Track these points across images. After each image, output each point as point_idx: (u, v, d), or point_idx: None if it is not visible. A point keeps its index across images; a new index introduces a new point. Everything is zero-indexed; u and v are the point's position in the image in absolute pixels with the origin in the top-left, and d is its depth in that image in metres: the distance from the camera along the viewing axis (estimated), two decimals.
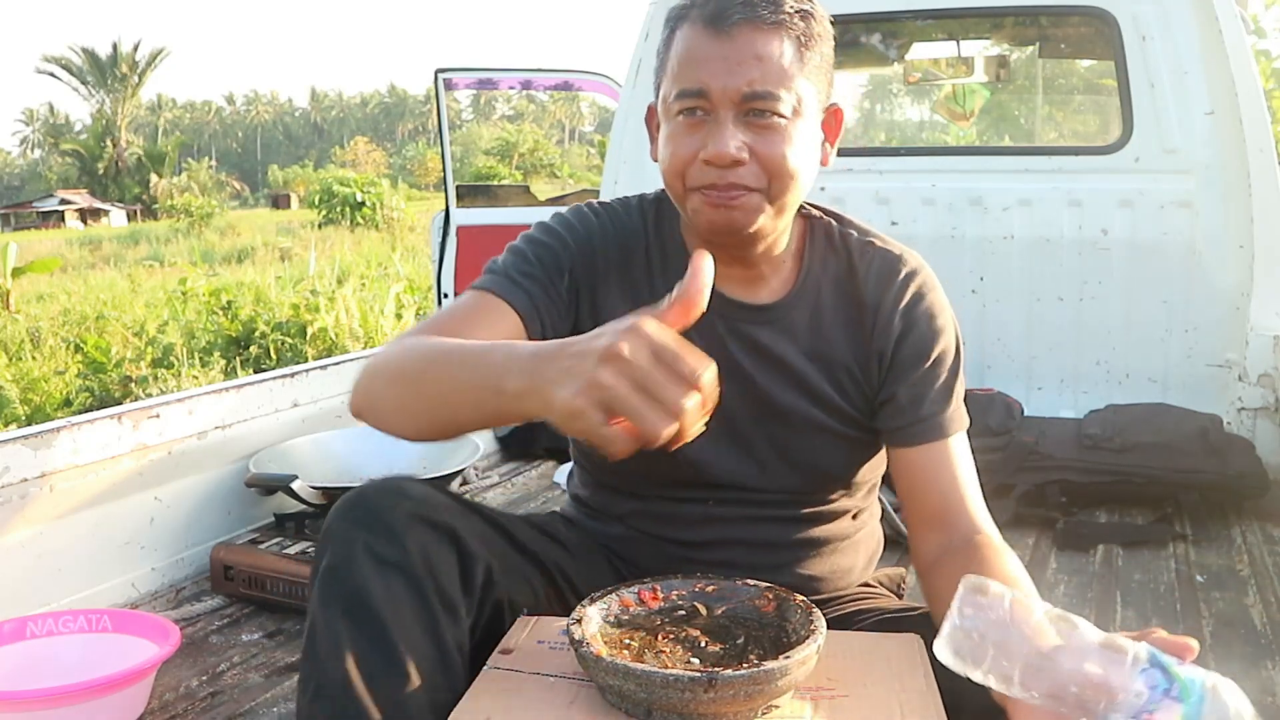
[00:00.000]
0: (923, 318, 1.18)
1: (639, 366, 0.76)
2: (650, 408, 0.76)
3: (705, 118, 1.07)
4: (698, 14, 1.08)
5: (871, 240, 1.22)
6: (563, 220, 1.22)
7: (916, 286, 1.19)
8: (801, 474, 1.20)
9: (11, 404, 7.54)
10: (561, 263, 1.18)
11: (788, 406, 1.18)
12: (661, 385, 0.76)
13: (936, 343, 1.18)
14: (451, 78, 4.24)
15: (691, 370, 0.76)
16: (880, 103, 55.83)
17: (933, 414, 1.16)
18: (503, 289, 1.14)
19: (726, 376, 1.15)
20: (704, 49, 1.06)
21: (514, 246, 1.20)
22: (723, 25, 1.05)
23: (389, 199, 25.95)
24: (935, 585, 1.08)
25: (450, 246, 4.04)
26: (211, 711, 1.71)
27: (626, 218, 1.23)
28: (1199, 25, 2.78)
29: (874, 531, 1.34)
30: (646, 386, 0.76)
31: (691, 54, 1.07)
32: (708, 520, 1.21)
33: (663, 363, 0.76)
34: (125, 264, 20.30)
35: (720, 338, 1.17)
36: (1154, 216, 2.88)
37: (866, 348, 1.18)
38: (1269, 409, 2.70)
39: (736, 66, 1.05)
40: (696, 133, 1.07)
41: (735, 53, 1.05)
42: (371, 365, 1.06)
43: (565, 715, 0.93)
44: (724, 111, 1.06)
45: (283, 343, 9.04)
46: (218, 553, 2.19)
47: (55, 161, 60.76)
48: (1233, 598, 2.07)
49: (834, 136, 1.18)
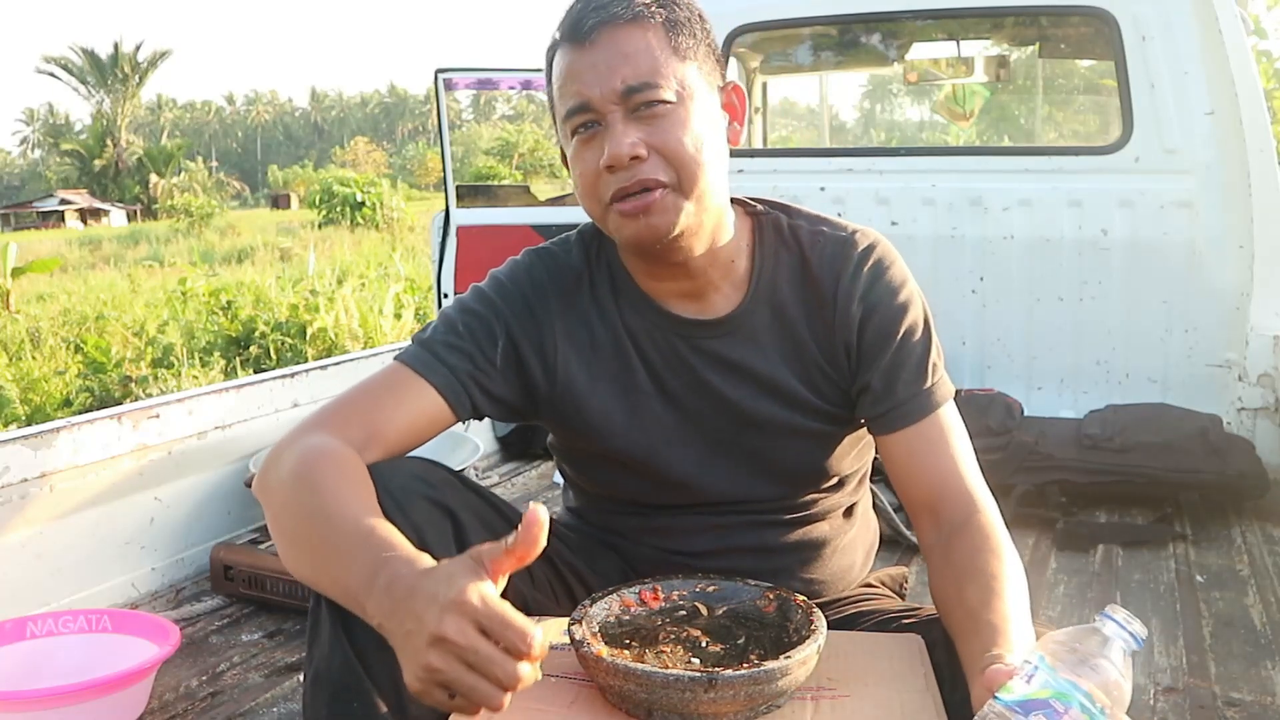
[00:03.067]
0: (883, 298, 1.14)
1: (465, 647, 0.77)
2: (482, 683, 0.78)
3: (597, 129, 1.06)
4: (560, 36, 1.09)
5: (821, 228, 1.18)
6: (495, 282, 1.19)
7: (871, 266, 1.15)
8: (788, 479, 1.20)
9: (11, 404, 7.54)
10: (494, 330, 1.15)
11: (763, 415, 1.16)
12: (489, 662, 0.77)
13: (902, 320, 1.14)
14: (451, 78, 4.23)
15: (519, 639, 0.77)
16: (880, 103, 55.85)
17: (911, 395, 1.12)
18: (424, 366, 1.12)
19: (698, 394, 1.16)
20: (574, 64, 1.06)
21: (446, 314, 1.18)
22: (583, 36, 1.06)
23: (389, 199, 25.94)
24: (932, 579, 1.07)
25: (450, 246, 4.04)
26: (211, 711, 1.71)
27: (565, 257, 1.20)
28: (1199, 25, 2.78)
29: (870, 524, 1.34)
30: (477, 665, 0.77)
31: (565, 74, 1.07)
32: (707, 529, 1.20)
33: (490, 636, 0.78)
34: (125, 264, 20.30)
35: (683, 358, 1.16)
36: (1154, 216, 2.88)
37: (831, 340, 1.15)
38: (1269, 409, 2.70)
39: (606, 69, 1.04)
40: (593, 147, 1.06)
41: (603, 57, 1.05)
42: (267, 485, 1.04)
43: (566, 715, 0.93)
44: (611, 115, 1.05)
45: (283, 343, 9.03)
46: (218, 553, 2.19)
47: (55, 161, 60.74)
48: (1233, 598, 2.07)
49: (740, 115, 1.15)
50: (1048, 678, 0.76)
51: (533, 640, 0.77)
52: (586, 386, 1.17)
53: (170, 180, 44.51)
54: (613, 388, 1.17)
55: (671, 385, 1.17)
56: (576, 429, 1.19)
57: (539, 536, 0.81)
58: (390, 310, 9.73)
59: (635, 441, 1.17)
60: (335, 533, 0.93)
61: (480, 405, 1.15)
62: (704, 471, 1.17)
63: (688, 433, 1.17)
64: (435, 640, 0.78)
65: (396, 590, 0.84)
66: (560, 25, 1.10)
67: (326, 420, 1.09)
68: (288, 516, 1.00)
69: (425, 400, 1.11)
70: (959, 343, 3.07)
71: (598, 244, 1.20)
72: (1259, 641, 1.87)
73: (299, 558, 0.98)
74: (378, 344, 8.38)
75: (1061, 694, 0.75)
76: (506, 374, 1.15)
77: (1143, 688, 1.70)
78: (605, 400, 1.17)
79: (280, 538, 1.01)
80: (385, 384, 1.12)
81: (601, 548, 1.26)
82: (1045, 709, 0.75)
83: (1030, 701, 0.75)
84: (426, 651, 0.78)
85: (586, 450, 1.21)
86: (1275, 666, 1.77)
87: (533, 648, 0.77)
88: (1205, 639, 1.89)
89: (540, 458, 3.19)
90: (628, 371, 1.17)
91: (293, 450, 1.04)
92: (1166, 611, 2.01)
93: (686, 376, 1.17)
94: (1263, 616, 1.98)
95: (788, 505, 1.21)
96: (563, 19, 1.10)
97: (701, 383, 1.16)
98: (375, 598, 0.85)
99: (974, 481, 1.11)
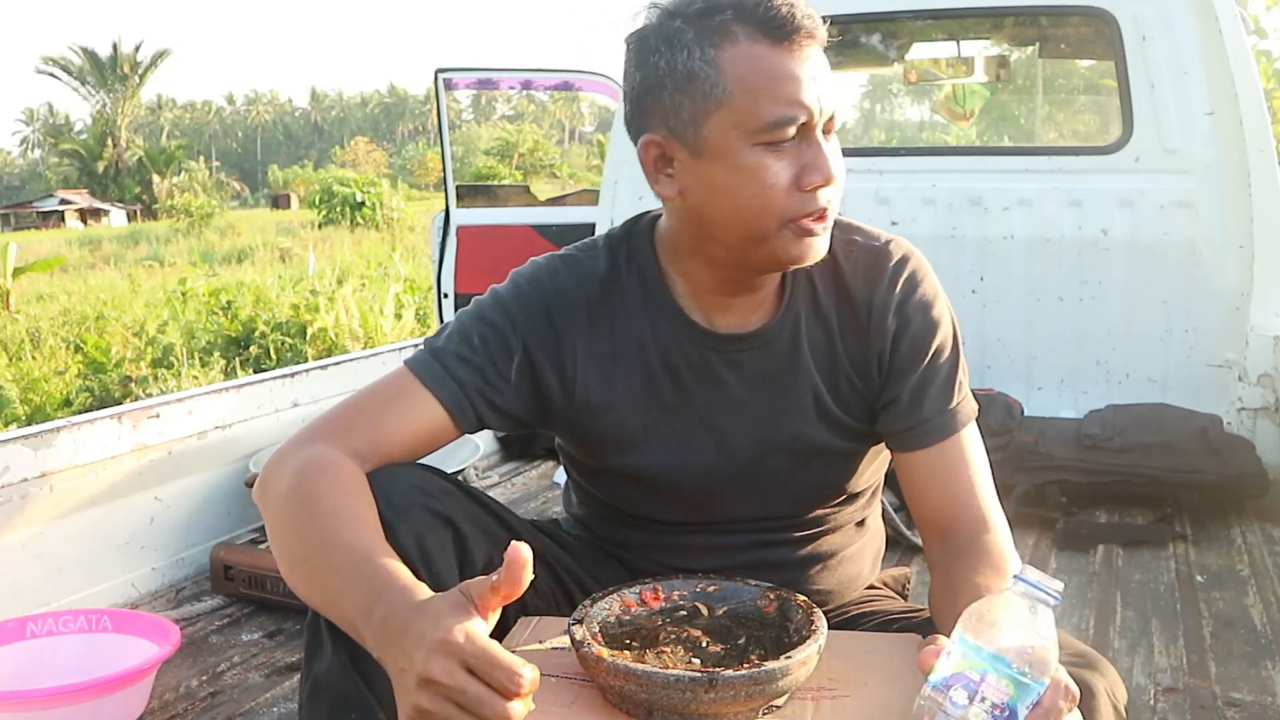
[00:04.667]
0: (917, 311, 1.12)
1: (453, 688, 0.77)
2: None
3: (790, 144, 1.00)
4: (753, 27, 0.98)
5: (854, 237, 1.15)
6: (515, 289, 1.14)
7: (907, 277, 1.12)
8: (805, 498, 1.18)
9: (11, 404, 7.54)
10: (510, 344, 1.11)
11: (793, 434, 1.13)
12: (478, 702, 0.76)
13: (934, 335, 1.12)
14: (451, 78, 4.24)
15: (507, 679, 0.76)
16: (880, 103, 55.83)
17: (937, 412, 1.10)
18: (433, 379, 1.09)
19: (727, 411, 1.13)
20: (786, 67, 0.98)
21: (461, 320, 1.13)
22: (789, 37, 0.98)
23: (389, 199, 25.93)
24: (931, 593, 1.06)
25: (450, 246, 4.04)
26: (211, 711, 1.71)
27: (591, 264, 1.15)
28: (1199, 25, 2.78)
29: (878, 531, 1.32)
30: (465, 706, 0.77)
31: (774, 74, 0.98)
32: (714, 549, 1.18)
33: (479, 676, 0.77)
34: (125, 264, 20.29)
35: (716, 372, 1.13)
36: (1154, 216, 2.88)
37: (865, 350, 1.12)
38: (1269, 409, 2.70)
39: (822, 84, 0.99)
40: (786, 159, 1.00)
41: (816, 70, 0.99)
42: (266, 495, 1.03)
43: (566, 715, 0.93)
44: (815, 132, 1.00)
45: (283, 343, 9.04)
46: (218, 553, 2.19)
47: (55, 161, 60.70)
48: (1233, 598, 2.07)
49: None
50: (964, 649, 0.78)
51: (521, 680, 0.76)
52: (605, 401, 1.13)
53: (171, 180, 44.49)
54: (633, 403, 1.13)
55: (700, 402, 1.13)
56: (589, 443, 1.16)
57: (521, 577, 0.80)
58: (390, 310, 9.73)
59: (650, 459, 1.14)
60: (334, 558, 0.92)
61: (486, 420, 1.12)
62: (723, 490, 1.15)
63: (712, 451, 1.14)
64: (424, 682, 0.77)
65: (391, 626, 0.83)
66: (745, 13, 0.98)
67: (328, 429, 1.07)
68: (287, 534, 0.99)
69: (430, 414, 1.08)
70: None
71: (626, 249, 1.15)
72: (1259, 641, 1.87)
73: (298, 578, 0.97)
74: (378, 344, 8.38)
75: (975, 664, 0.77)
76: (520, 388, 1.12)
77: (1143, 688, 1.70)
78: (623, 415, 1.13)
79: (280, 556, 1.00)
80: (391, 393, 1.10)
81: (604, 556, 1.24)
82: (962, 680, 0.77)
83: (951, 677, 0.78)
84: (416, 693, 0.78)
85: (598, 463, 1.19)
86: (1275, 666, 1.77)
87: (521, 686, 0.76)
88: (1205, 639, 1.89)
89: (540, 458, 3.19)
90: (651, 386, 1.13)
91: (292, 461, 1.02)
92: (1166, 611, 2.01)
93: (717, 392, 1.13)
94: (1263, 616, 1.98)
95: (799, 522, 1.19)
96: (749, 6, 0.98)
97: (733, 399, 1.13)
98: (372, 631, 0.85)
99: (988, 504, 1.09)
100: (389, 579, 0.87)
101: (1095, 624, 1.96)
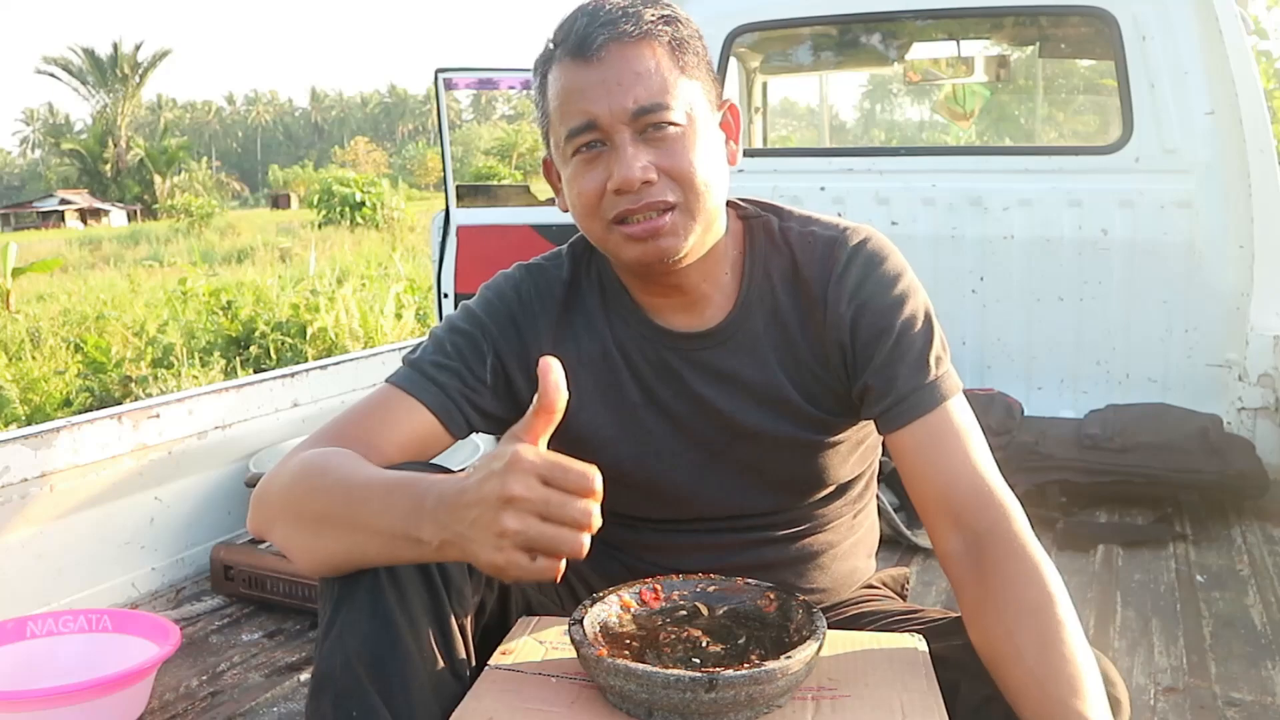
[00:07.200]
0: (875, 293, 1.10)
1: (536, 500, 0.80)
2: (561, 531, 0.81)
3: (602, 149, 1.04)
4: (563, 51, 1.05)
5: (812, 228, 1.15)
6: (483, 300, 1.19)
7: (864, 262, 1.11)
8: (785, 490, 1.17)
9: (11, 404, 7.53)
10: (481, 348, 1.15)
11: (756, 426, 1.13)
12: (562, 506, 0.81)
13: (897, 314, 1.09)
14: (451, 78, 4.23)
15: (581, 479, 0.81)
16: (880, 103, 55.84)
17: (912, 389, 1.07)
18: (415, 386, 1.11)
19: (690, 406, 1.15)
20: (579, 80, 1.03)
21: (435, 334, 1.17)
22: (591, 52, 1.02)
23: (389, 199, 25.92)
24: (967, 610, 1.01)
25: (450, 246, 4.04)
26: (211, 711, 1.71)
27: (555, 271, 1.19)
28: (1199, 25, 2.78)
29: (872, 527, 1.32)
30: (550, 514, 0.81)
31: (569, 90, 1.04)
32: (699, 549, 1.18)
33: (554, 484, 0.81)
34: (125, 264, 20.28)
35: (674, 370, 1.15)
36: (1154, 216, 2.89)
37: (824, 341, 1.12)
38: (1269, 409, 2.70)
39: (617, 87, 1.02)
40: (597, 166, 1.04)
41: (612, 74, 1.02)
42: (269, 493, 1.03)
43: (567, 715, 0.93)
44: (619, 136, 1.02)
45: (283, 343, 9.03)
46: (218, 553, 2.19)
47: (55, 161, 60.74)
48: (1233, 598, 2.08)
49: (735, 134, 1.14)
50: None
51: (593, 477, 0.81)
52: (575, 401, 1.12)
53: (171, 180, 44.51)
54: (602, 402, 1.16)
55: (662, 397, 1.16)
56: (567, 443, 1.17)
57: (556, 382, 0.84)
58: (391, 310, 9.72)
59: (626, 454, 1.16)
60: (363, 492, 0.94)
61: (474, 422, 1.14)
62: (697, 484, 1.16)
63: (680, 445, 1.16)
64: (506, 502, 0.81)
65: (449, 500, 0.86)
66: (559, 37, 1.06)
67: (320, 442, 1.08)
68: (304, 505, 0.99)
69: (418, 420, 1.11)
70: (959, 343, 3.07)
71: (588, 257, 1.19)
72: (1259, 641, 1.87)
73: (327, 539, 0.96)
74: (378, 344, 8.38)
75: None
76: (497, 391, 1.15)
77: (1143, 688, 1.70)
78: (595, 414, 1.16)
79: (300, 530, 0.99)
80: (377, 406, 1.12)
81: (605, 555, 1.23)
82: None
83: None
84: (499, 518, 0.81)
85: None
86: (1275, 666, 1.77)
87: (594, 484, 0.81)
88: (1205, 639, 1.89)
89: None
90: (617, 385, 1.16)
91: (290, 463, 1.03)
92: (1166, 611, 2.01)
93: (677, 388, 1.15)
94: (1263, 616, 1.98)
95: (786, 518, 1.19)
96: (562, 31, 1.06)
97: (693, 395, 1.15)
98: (429, 519, 0.87)
99: (993, 481, 1.05)
100: (428, 478, 0.91)
101: (1095, 624, 1.96)
